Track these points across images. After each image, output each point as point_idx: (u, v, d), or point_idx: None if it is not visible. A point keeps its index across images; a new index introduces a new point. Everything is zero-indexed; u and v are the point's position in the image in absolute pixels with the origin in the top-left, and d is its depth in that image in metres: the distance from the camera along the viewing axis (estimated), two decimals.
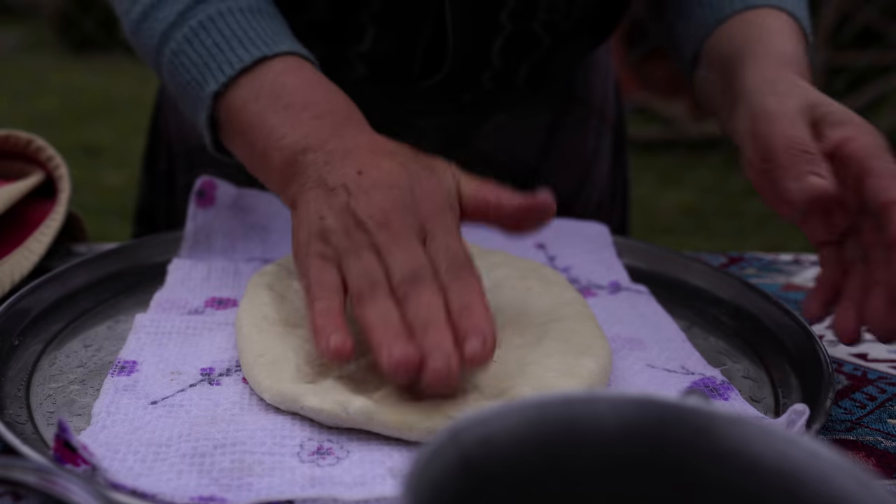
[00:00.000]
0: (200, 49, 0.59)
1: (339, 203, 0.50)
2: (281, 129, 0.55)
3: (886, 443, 0.50)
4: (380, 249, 0.48)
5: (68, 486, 0.39)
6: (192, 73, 0.59)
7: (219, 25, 0.59)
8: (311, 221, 0.51)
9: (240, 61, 0.57)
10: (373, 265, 0.48)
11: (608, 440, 0.29)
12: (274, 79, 0.57)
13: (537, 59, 0.78)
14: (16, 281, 0.62)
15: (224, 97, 0.58)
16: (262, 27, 0.59)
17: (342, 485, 0.42)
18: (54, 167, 0.72)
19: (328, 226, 0.50)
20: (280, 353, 0.51)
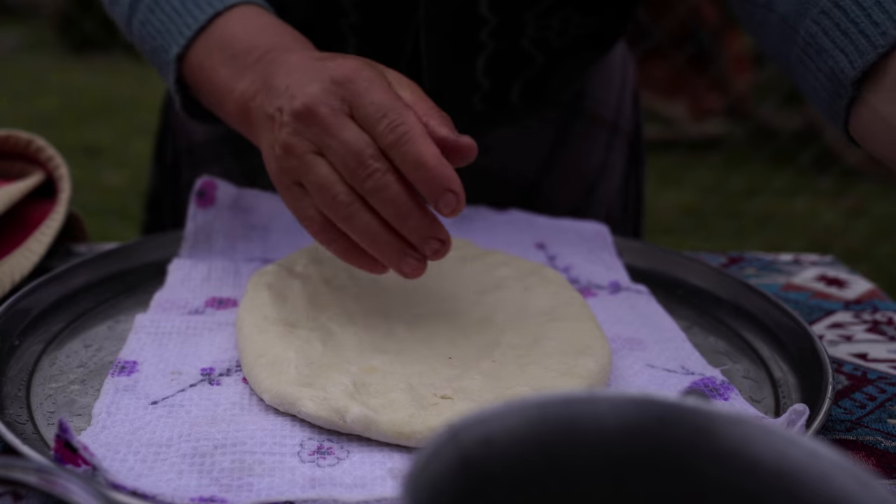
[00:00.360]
0: (161, 16, 0.60)
1: (282, 122, 0.50)
2: (230, 82, 0.56)
3: (886, 443, 0.50)
4: (321, 149, 0.49)
5: (69, 486, 0.39)
6: (157, 41, 0.60)
7: None
8: (270, 159, 0.52)
9: (195, 21, 0.58)
10: (323, 173, 0.48)
11: (608, 440, 0.29)
12: (223, 31, 0.58)
13: (531, 77, 0.76)
14: (16, 281, 0.62)
15: (186, 59, 0.59)
16: None
17: (342, 486, 0.42)
18: (54, 167, 0.72)
19: (287, 144, 0.50)
20: (280, 353, 0.51)
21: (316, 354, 0.51)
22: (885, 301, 0.70)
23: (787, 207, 3.15)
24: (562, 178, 0.85)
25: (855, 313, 0.67)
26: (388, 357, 0.52)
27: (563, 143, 0.84)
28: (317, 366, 0.50)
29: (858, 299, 0.70)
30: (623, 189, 0.90)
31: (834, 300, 0.70)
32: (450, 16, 0.70)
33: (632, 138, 0.91)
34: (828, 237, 2.92)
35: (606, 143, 0.87)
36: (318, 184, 0.49)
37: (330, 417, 0.46)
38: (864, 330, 0.64)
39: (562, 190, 0.85)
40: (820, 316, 0.67)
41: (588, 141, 0.86)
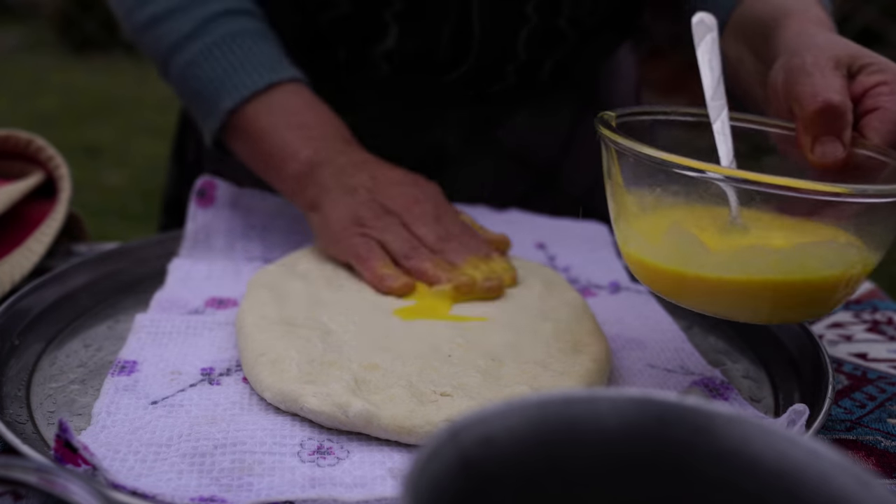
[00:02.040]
0: (215, 66, 0.68)
1: (364, 199, 0.63)
2: (294, 145, 0.66)
3: (886, 442, 0.50)
4: (409, 226, 0.63)
5: (69, 485, 0.38)
6: (206, 87, 0.68)
7: (231, 47, 0.68)
8: (342, 215, 0.63)
9: (254, 84, 0.67)
10: (408, 235, 0.62)
11: (608, 440, 0.29)
12: (283, 99, 0.67)
13: (562, 55, 0.80)
14: (16, 281, 0.62)
15: (237, 112, 0.67)
16: (268, 52, 0.69)
17: (342, 485, 0.42)
18: (54, 167, 0.72)
19: (360, 214, 0.62)
20: (282, 351, 0.51)
21: (317, 352, 0.51)
22: (885, 301, 0.70)
23: None
24: (580, 159, 0.87)
25: (855, 313, 0.67)
26: (389, 355, 0.52)
27: (580, 125, 0.87)
28: (318, 363, 0.50)
29: (858, 299, 0.70)
30: None
31: None
32: None
33: None
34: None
35: None
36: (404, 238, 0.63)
37: (332, 413, 0.46)
38: (863, 330, 0.64)
39: (580, 170, 0.87)
40: None
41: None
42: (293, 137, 0.66)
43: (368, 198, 0.63)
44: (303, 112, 0.67)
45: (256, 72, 0.67)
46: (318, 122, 0.67)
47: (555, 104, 0.85)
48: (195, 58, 0.68)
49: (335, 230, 0.63)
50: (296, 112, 0.67)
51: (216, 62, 0.68)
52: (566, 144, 0.87)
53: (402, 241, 0.62)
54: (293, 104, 0.67)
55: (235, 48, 0.68)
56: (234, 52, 0.68)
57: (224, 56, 0.68)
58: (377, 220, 0.62)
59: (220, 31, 0.68)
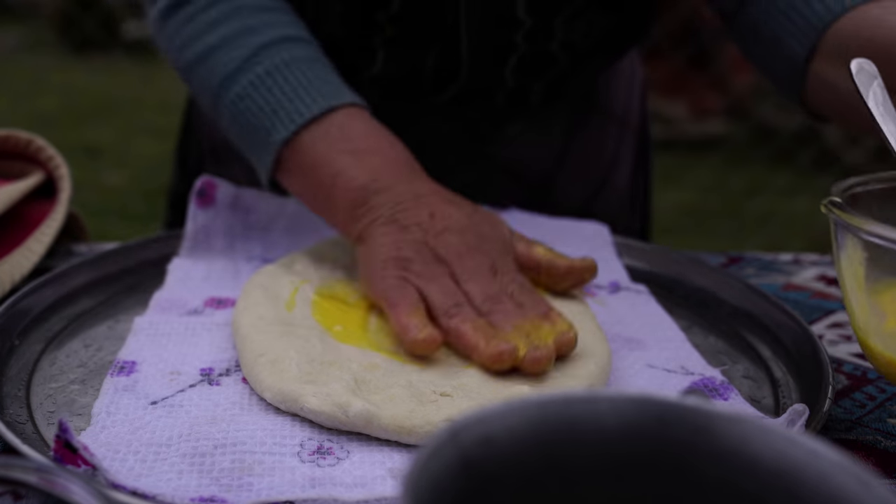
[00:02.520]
0: (268, 96, 0.63)
1: (415, 238, 0.57)
2: (351, 171, 0.60)
3: (886, 442, 0.50)
4: (458, 279, 0.55)
5: (69, 485, 0.39)
6: (258, 119, 0.63)
7: (284, 74, 0.63)
8: (386, 251, 0.56)
9: (309, 111, 0.61)
10: (454, 289, 0.55)
11: (608, 440, 0.29)
12: (340, 124, 0.62)
13: (553, 78, 0.79)
14: (16, 281, 0.62)
15: (291, 142, 0.62)
16: (324, 77, 0.64)
17: (342, 485, 0.42)
18: (54, 167, 0.72)
19: (406, 255, 0.56)
20: (281, 351, 0.51)
21: (316, 353, 0.51)
22: None
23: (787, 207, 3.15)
24: (574, 173, 0.86)
25: None
26: (388, 355, 0.52)
27: (575, 138, 0.86)
28: (317, 363, 0.50)
29: None
30: (631, 184, 0.92)
31: (834, 300, 0.70)
32: (490, 19, 0.73)
33: (639, 133, 0.92)
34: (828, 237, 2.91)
35: (616, 137, 0.89)
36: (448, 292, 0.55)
37: (332, 413, 0.46)
38: None
39: (574, 184, 0.86)
40: (820, 316, 0.67)
41: (599, 135, 0.87)
42: (347, 163, 0.60)
43: (421, 238, 0.57)
44: (362, 138, 0.61)
45: (311, 97, 0.62)
46: (378, 148, 0.61)
47: (548, 117, 0.84)
48: (245, 90, 0.64)
49: (374, 266, 0.57)
50: (354, 138, 0.61)
51: (268, 91, 0.63)
52: (560, 157, 0.86)
53: (445, 295, 0.54)
54: (351, 129, 0.62)
55: (289, 75, 0.63)
56: (287, 80, 0.63)
57: (276, 84, 0.63)
58: (423, 267, 0.56)
59: (275, 58, 0.64)
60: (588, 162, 0.87)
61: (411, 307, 0.53)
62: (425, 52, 0.75)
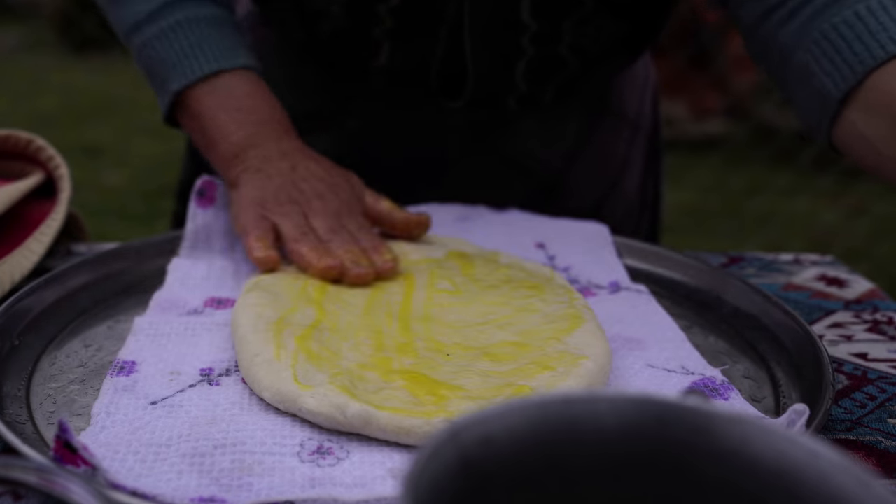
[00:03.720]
0: (168, 50, 0.71)
1: (276, 184, 0.66)
2: (230, 126, 0.69)
3: (886, 442, 0.50)
4: (307, 216, 0.65)
5: (68, 485, 0.38)
6: (158, 68, 0.71)
7: (185, 32, 0.70)
8: (251, 193, 0.66)
9: (201, 70, 0.70)
10: (303, 223, 0.64)
11: (608, 440, 0.29)
12: (227, 84, 0.70)
13: (564, 81, 0.79)
14: (16, 281, 0.62)
15: (184, 93, 0.70)
16: (221, 39, 0.71)
17: (342, 485, 0.42)
18: (54, 167, 0.72)
19: (266, 196, 0.65)
20: (279, 352, 0.50)
21: (314, 353, 0.51)
22: (886, 301, 0.70)
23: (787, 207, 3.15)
24: (585, 174, 0.87)
25: (855, 313, 0.67)
26: (387, 355, 0.52)
27: (588, 139, 0.86)
28: (316, 363, 0.50)
29: (858, 299, 0.70)
30: (642, 186, 0.92)
31: (834, 300, 0.70)
32: (494, 23, 0.74)
33: (650, 135, 0.93)
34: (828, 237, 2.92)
35: (628, 140, 0.89)
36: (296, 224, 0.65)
37: (331, 413, 0.46)
38: (864, 330, 0.64)
39: (584, 186, 0.87)
40: (820, 316, 0.67)
41: (612, 138, 0.88)
42: (229, 119, 0.69)
43: (280, 184, 0.66)
44: (244, 98, 0.70)
45: (205, 58, 0.70)
46: (256, 108, 0.70)
47: (560, 116, 0.85)
48: (150, 41, 0.71)
49: (241, 207, 0.65)
50: (237, 97, 0.70)
51: (169, 46, 0.70)
52: (572, 157, 0.86)
53: (294, 227, 0.64)
54: (236, 90, 0.70)
55: (189, 33, 0.70)
56: (187, 38, 0.70)
57: (177, 40, 0.70)
58: (279, 206, 0.65)
59: (176, 15, 0.71)
60: (599, 164, 0.87)
61: (260, 234, 0.63)
62: (430, 46, 0.76)
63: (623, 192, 0.90)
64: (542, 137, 0.84)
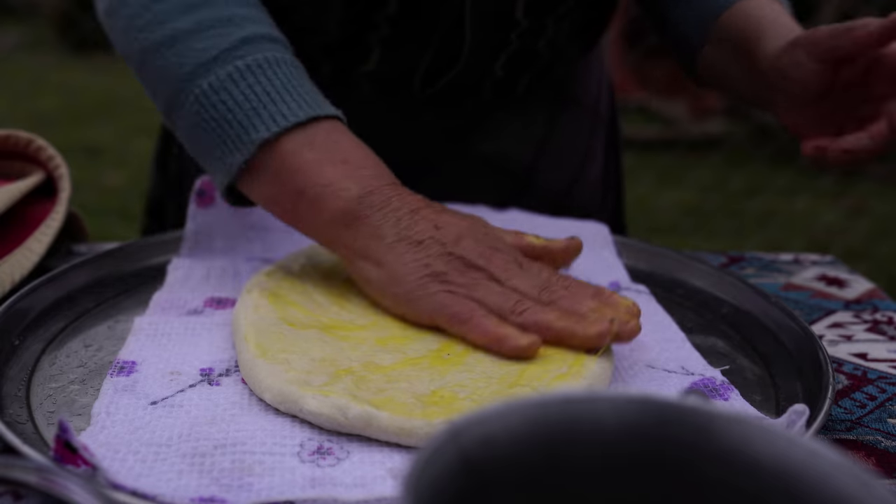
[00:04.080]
0: (248, 93, 0.58)
1: (437, 252, 0.55)
2: (343, 182, 0.57)
3: (886, 442, 0.50)
4: (499, 280, 0.55)
5: (69, 485, 0.39)
6: (234, 115, 0.58)
7: (267, 74, 0.59)
8: (416, 268, 0.55)
9: (294, 115, 0.58)
10: (505, 290, 0.54)
11: (608, 440, 0.29)
12: (327, 134, 0.59)
13: (537, 71, 0.82)
14: (16, 281, 0.62)
15: (272, 145, 0.58)
16: (306, 86, 0.60)
17: (342, 485, 0.42)
18: (54, 167, 0.72)
19: (439, 269, 0.55)
20: (280, 352, 0.51)
21: (316, 353, 0.51)
22: (885, 301, 0.70)
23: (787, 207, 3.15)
24: (554, 161, 0.88)
25: (855, 313, 0.67)
26: (388, 355, 0.52)
27: (553, 128, 0.88)
28: (317, 364, 0.50)
29: (858, 299, 0.70)
30: (604, 176, 0.95)
31: (834, 300, 0.70)
32: (488, 22, 0.75)
33: (608, 124, 0.95)
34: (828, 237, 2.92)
35: (589, 129, 0.92)
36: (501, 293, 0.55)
37: (332, 414, 0.46)
38: (864, 329, 0.64)
39: (553, 174, 0.88)
40: (820, 315, 0.67)
41: (575, 126, 0.90)
42: (340, 174, 0.57)
43: (441, 251, 0.55)
44: (348, 150, 0.59)
45: (296, 102, 0.58)
46: (366, 162, 0.59)
47: (528, 109, 0.86)
48: (224, 82, 0.58)
49: (409, 286, 0.55)
50: (342, 150, 0.59)
51: (250, 88, 0.58)
52: (541, 147, 0.87)
53: (502, 297, 0.54)
54: (338, 141, 0.59)
55: (273, 76, 0.59)
56: (271, 81, 0.59)
57: (259, 83, 0.58)
58: (461, 276, 0.54)
59: (257, 55, 0.59)
60: (565, 152, 0.90)
61: (488, 317, 0.53)
62: (422, 51, 0.76)
63: (587, 183, 0.92)
64: (513, 132, 0.85)
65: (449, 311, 0.54)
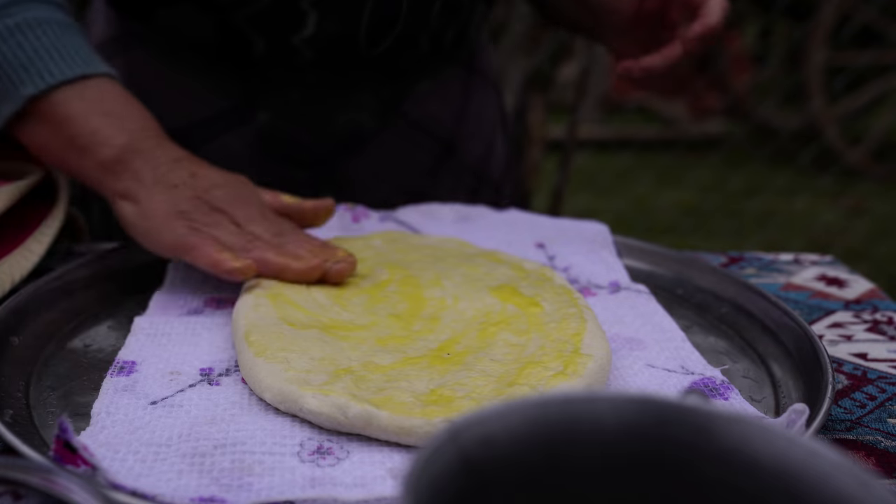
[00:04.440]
0: (17, 51, 0.64)
1: (187, 195, 0.62)
2: (107, 131, 0.63)
3: (886, 442, 0.50)
4: (239, 224, 0.62)
5: (68, 485, 0.39)
6: (4, 70, 0.64)
7: (37, 33, 0.64)
8: (165, 207, 0.61)
9: (62, 74, 0.63)
10: (241, 231, 0.61)
11: (608, 440, 0.29)
12: (97, 88, 0.65)
13: (460, 23, 0.85)
14: (16, 281, 0.62)
15: (40, 99, 0.64)
16: (78, 44, 0.66)
17: (342, 485, 0.42)
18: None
19: (185, 209, 0.61)
20: (280, 352, 0.51)
21: (316, 352, 0.51)
22: (885, 301, 0.70)
23: (787, 207, 3.15)
24: (471, 132, 0.91)
25: (855, 313, 0.67)
26: (388, 355, 0.52)
27: (468, 99, 0.91)
28: (317, 363, 0.50)
29: (858, 299, 0.70)
30: (507, 151, 0.99)
31: (834, 300, 0.70)
32: None
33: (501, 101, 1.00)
34: (828, 237, 2.92)
35: (494, 101, 0.96)
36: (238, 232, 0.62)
37: (332, 414, 0.46)
38: (864, 329, 0.64)
39: (472, 142, 0.91)
40: (820, 315, 0.67)
41: (484, 98, 0.93)
42: (105, 124, 0.63)
43: (191, 195, 0.62)
44: (114, 103, 0.65)
45: (65, 62, 0.64)
46: (131, 114, 0.65)
47: (446, 79, 0.88)
48: None
49: (157, 223, 0.61)
50: (107, 101, 0.65)
51: (18, 46, 0.64)
52: (459, 115, 0.90)
53: (236, 236, 0.61)
54: (107, 95, 0.65)
55: (41, 34, 0.64)
56: (40, 39, 0.64)
57: (27, 41, 0.64)
58: (205, 216, 0.61)
59: (26, 14, 0.64)
60: (481, 122, 0.93)
61: (214, 246, 0.59)
62: (359, 10, 0.76)
63: (498, 153, 0.96)
64: (436, 100, 0.88)
65: (184, 242, 0.60)
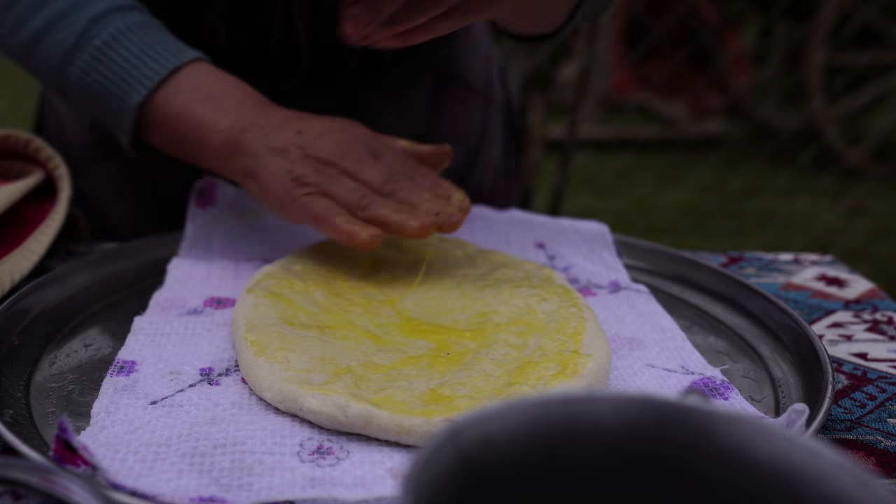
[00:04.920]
0: (112, 66, 0.66)
1: (298, 156, 0.61)
2: (212, 117, 0.64)
3: (886, 442, 0.50)
4: (351, 173, 0.61)
5: (68, 485, 0.39)
6: (108, 90, 0.66)
7: (123, 43, 0.66)
8: (281, 178, 0.61)
9: (156, 74, 0.65)
10: (354, 184, 0.61)
11: (608, 440, 0.29)
12: (188, 78, 0.66)
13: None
14: (16, 281, 0.62)
15: (147, 104, 0.66)
16: (161, 40, 0.67)
17: (342, 485, 0.42)
18: (54, 167, 0.72)
19: (299, 173, 0.61)
20: (280, 351, 0.51)
21: (316, 352, 0.51)
22: (885, 300, 0.70)
23: (787, 207, 3.15)
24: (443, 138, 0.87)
25: (855, 313, 0.67)
26: (388, 355, 0.52)
27: (439, 108, 0.88)
28: (317, 363, 0.50)
29: (858, 299, 0.70)
30: (505, 160, 0.96)
31: (834, 300, 0.70)
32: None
33: (504, 108, 0.96)
34: (828, 237, 2.92)
35: (482, 111, 0.92)
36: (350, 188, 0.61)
37: (332, 413, 0.46)
38: (864, 329, 0.64)
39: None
40: (820, 315, 0.67)
41: (463, 106, 0.90)
42: (207, 111, 0.64)
43: (301, 154, 0.61)
44: (210, 86, 0.66)
45: (155, 61, 0.66)
46: (227, 92, 0.66)
47: (408, 90, 0.85)
48: (89, 65, 0.66)
49: (278, 196, 0.61)
50: (203, 88, 0.66)
51: (112, 62, 0.66)
52: (429, 124, 0.87)
53: (350, 192, 0.60)
54: (199, 82, 0.66)
55: (128, 44, 0.66)
56: (128, 49, 0.66)
57: (118, 54, 0.66)
58: (318, 175, 0.61)
59: (109, 28, 0.66)
60: (455, 134, 0.89)
61: (341, 215, 0.59)
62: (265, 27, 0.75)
63: (485, 165, 0.92)
64: (394, 114, 0.84)
65: (311, 213, 0.60)
